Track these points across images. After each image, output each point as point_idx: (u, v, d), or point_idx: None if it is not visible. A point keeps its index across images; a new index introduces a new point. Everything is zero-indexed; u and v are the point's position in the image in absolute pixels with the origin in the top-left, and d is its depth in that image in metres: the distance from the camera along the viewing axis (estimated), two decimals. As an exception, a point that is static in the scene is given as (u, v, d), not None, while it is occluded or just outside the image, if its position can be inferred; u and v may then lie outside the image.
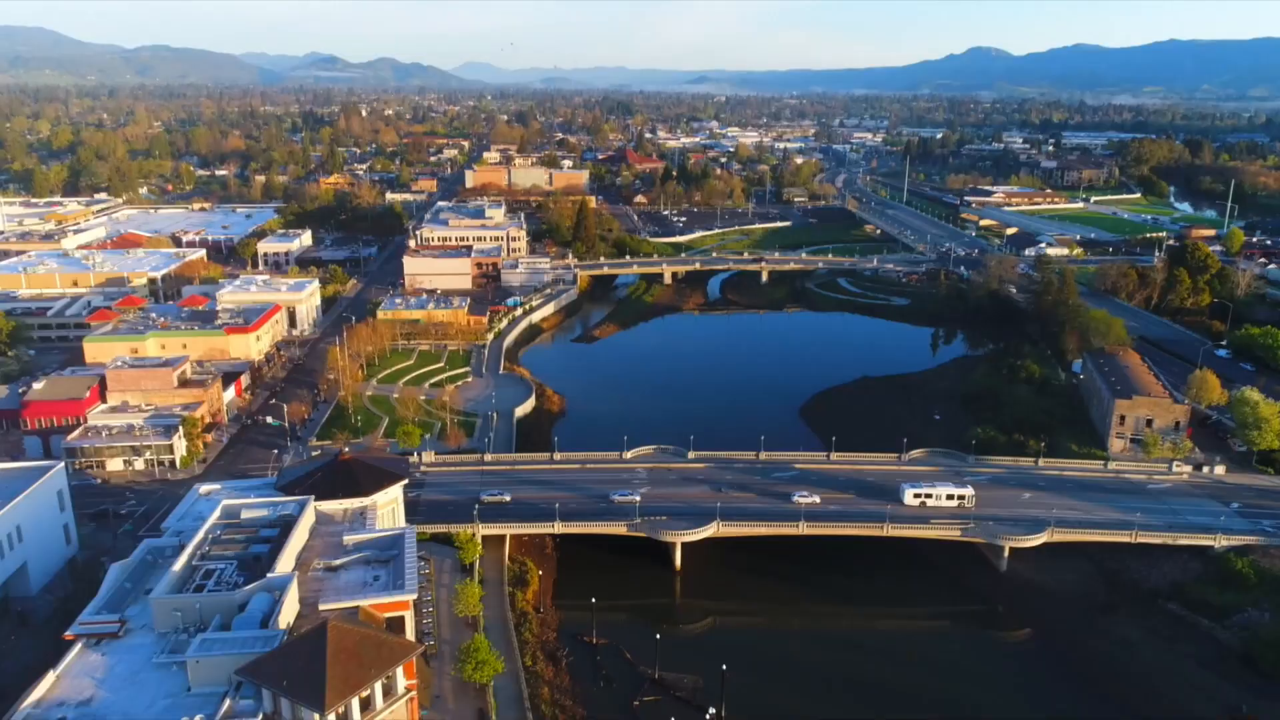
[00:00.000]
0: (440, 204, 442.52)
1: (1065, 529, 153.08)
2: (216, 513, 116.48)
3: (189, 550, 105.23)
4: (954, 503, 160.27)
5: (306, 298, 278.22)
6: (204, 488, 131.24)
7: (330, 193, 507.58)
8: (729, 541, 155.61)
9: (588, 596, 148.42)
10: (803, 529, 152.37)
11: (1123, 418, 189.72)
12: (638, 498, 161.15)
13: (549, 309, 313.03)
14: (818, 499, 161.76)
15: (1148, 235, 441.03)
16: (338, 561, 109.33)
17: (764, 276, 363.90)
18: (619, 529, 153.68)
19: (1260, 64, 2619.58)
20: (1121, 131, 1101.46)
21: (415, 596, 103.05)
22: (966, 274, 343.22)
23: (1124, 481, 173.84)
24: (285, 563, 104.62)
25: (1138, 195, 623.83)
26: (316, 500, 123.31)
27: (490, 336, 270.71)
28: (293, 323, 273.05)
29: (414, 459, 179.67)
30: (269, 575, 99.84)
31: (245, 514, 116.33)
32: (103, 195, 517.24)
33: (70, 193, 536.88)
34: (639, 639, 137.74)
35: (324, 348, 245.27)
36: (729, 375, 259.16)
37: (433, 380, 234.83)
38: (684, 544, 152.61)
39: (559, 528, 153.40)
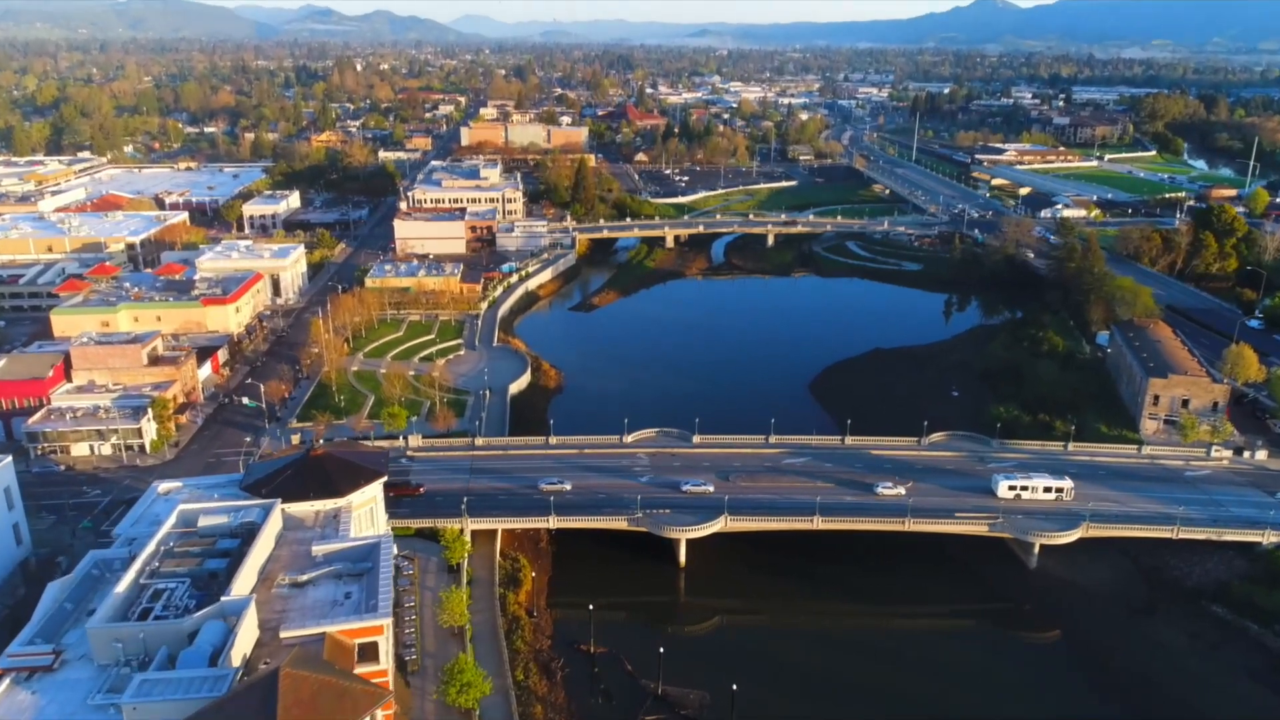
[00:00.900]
0: (434, 163, 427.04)
1: (1101, 523, 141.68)
2: (171, 519, 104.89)
3: (136, 567, 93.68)
4: (1051, 496, 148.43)
5: (291, 265, 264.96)
6: (163, 486, 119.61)
7: (321, 151, 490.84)
8: (737, 534, 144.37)
9: (586, 595, 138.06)
10: (817, 524, 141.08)
11: (1156, 397, 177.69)
12: (711, 488, 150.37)
13: (546, 275, 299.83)
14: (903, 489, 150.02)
15: (1166, 195, 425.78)
16: (305, 577, 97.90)
17: (770, 240, 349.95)
18: (619, 524, 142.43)
19: (1270, 17, 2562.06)
20: (1133, 86, 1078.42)
21: (390, 620, 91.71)
22: (981, 238, 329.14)
23: (1160, 468, 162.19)
24: (244, 581, 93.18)
25: (1153, 153, 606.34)
26: (285, 502, 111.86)
27: (484, 306, 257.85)
28: (277, 291, 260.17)
29: (400, 443, 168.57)
30: (224, 599, 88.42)
31: (203, 521, 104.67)
32: (86, 154, 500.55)
33: (53, 151, 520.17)
34: (641, 645, 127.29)
35: (309, 318, 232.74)
36: (734, 347, 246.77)
37: (422, 354, 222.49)
38: (689, 539, 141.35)
39: (554, 522, 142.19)
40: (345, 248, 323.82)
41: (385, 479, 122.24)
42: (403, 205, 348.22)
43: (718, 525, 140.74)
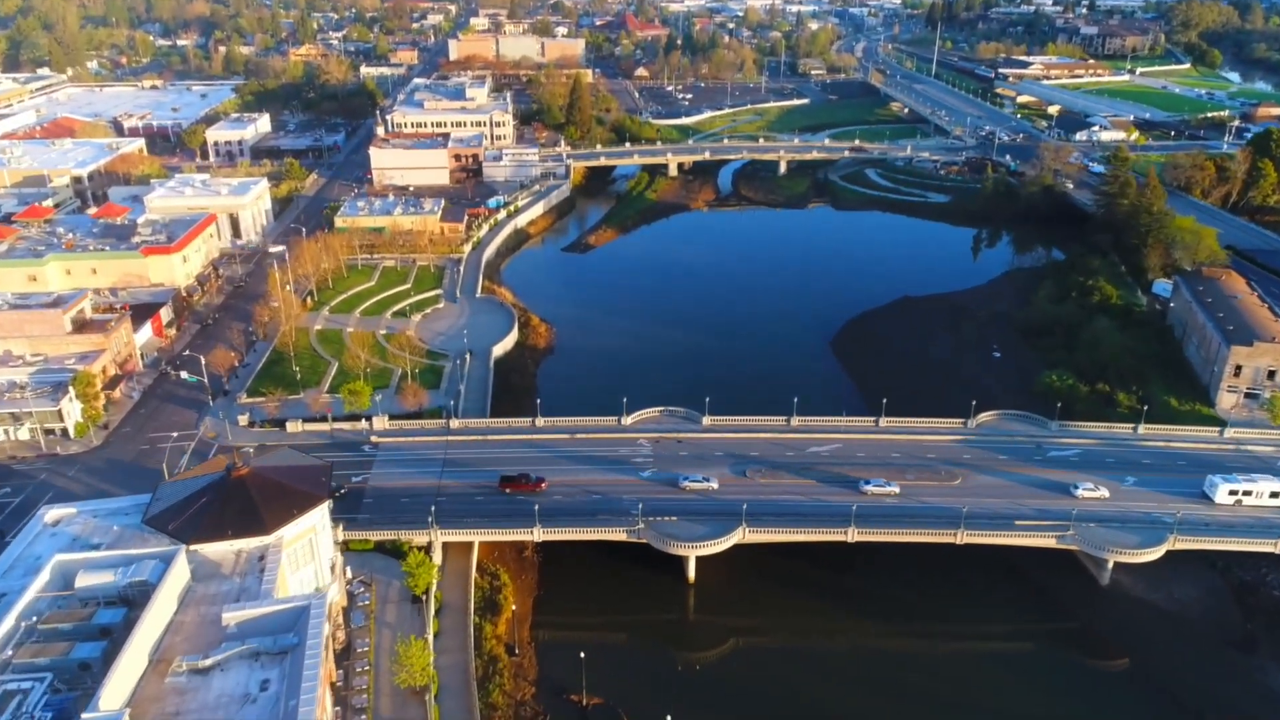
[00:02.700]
0: (417, 81, 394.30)
1: (1190, 535, 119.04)
2: (43, 576, 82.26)
3: (-19, 659, 71.36)
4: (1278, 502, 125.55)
5: (252, 201, 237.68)
6: (51, 514, 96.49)
7: (299, 67, 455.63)
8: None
9: (577, 619, 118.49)
10: (852, 536, 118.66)
11: (1238, 368, 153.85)
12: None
13: (537, 210, 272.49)
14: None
15: (1208, 115, 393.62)
16: (208, 661, 75.59)
17: (782, 168, 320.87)
18: (617, 535, 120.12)
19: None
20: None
21: (314, 731, 69.72)
22: (1014, 165, 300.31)
23: (1247, 456, 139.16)
24: (124, 678, 70.86)
25: (1186, 65, 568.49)
26: (196, 543, 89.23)
27: (467, 248, 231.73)
28: (236, 233, 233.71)
29: (363, 425, 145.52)
30: (89, 713, 66.21)
31: (83, 580, 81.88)
32: (45, 71, 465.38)
33: (11, 68, 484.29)
34: (643, 688, 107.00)
35: (272, 265, 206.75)
36: (744, 295, 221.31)
37: (396, 308, 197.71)
38: (700, 556, 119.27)
39: (540, 534, 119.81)
40: (317, 178, 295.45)
41: (328, 502, 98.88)
42: (380, 131, 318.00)
43: (734, 538, 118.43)
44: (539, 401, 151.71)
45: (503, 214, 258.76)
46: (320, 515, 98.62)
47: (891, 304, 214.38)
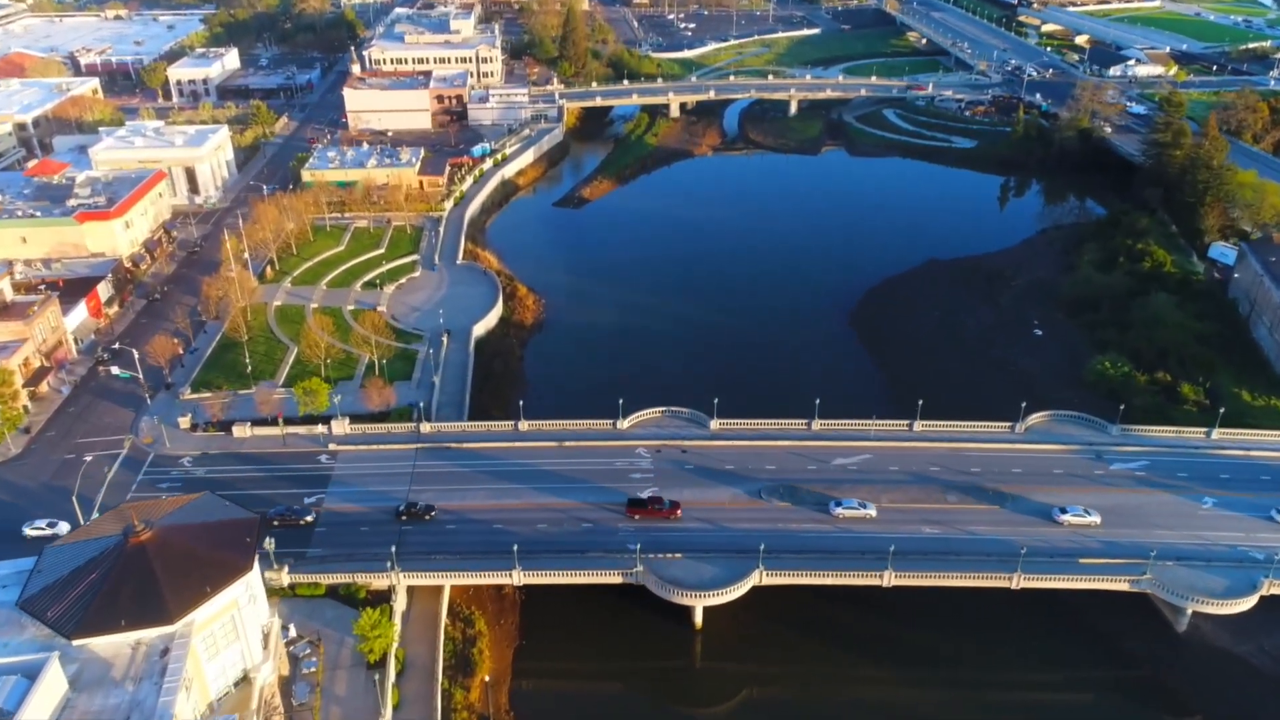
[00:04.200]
0: (399, 11, 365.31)
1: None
2: None
3: None
4: None
5: (211, 153, 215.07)
6: (-92, 589, 78.28)
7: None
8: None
9: (565, 677, 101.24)
10: (889, 580, 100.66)
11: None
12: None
13: (527, 158, 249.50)
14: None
15: (1249, 46, 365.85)
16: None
17: (793, 108, 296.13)
18: (610, 578, 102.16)
19: None
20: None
21: None
22: (1046, 105, 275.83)
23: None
24: None
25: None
26: (82, 635, 71.35)
27: (449, 205, 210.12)
28: (194, 188, 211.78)
29: (320, 430, 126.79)
30: None
31: (-80, 705, 64.02)
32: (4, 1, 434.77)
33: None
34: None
35: (232, 225, 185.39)
36: (754, 257, 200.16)
37: (367, 278, 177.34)
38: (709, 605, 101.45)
39: (519, 576, 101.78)
40: (288, 122, 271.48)
41: (249, 573, 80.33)
42: (355, 69, 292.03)
43: (748, 583, 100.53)
44: (524, 399, 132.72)
45: (489, 163, 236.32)
46: (247, 584, 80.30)
47: (916, 269, 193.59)
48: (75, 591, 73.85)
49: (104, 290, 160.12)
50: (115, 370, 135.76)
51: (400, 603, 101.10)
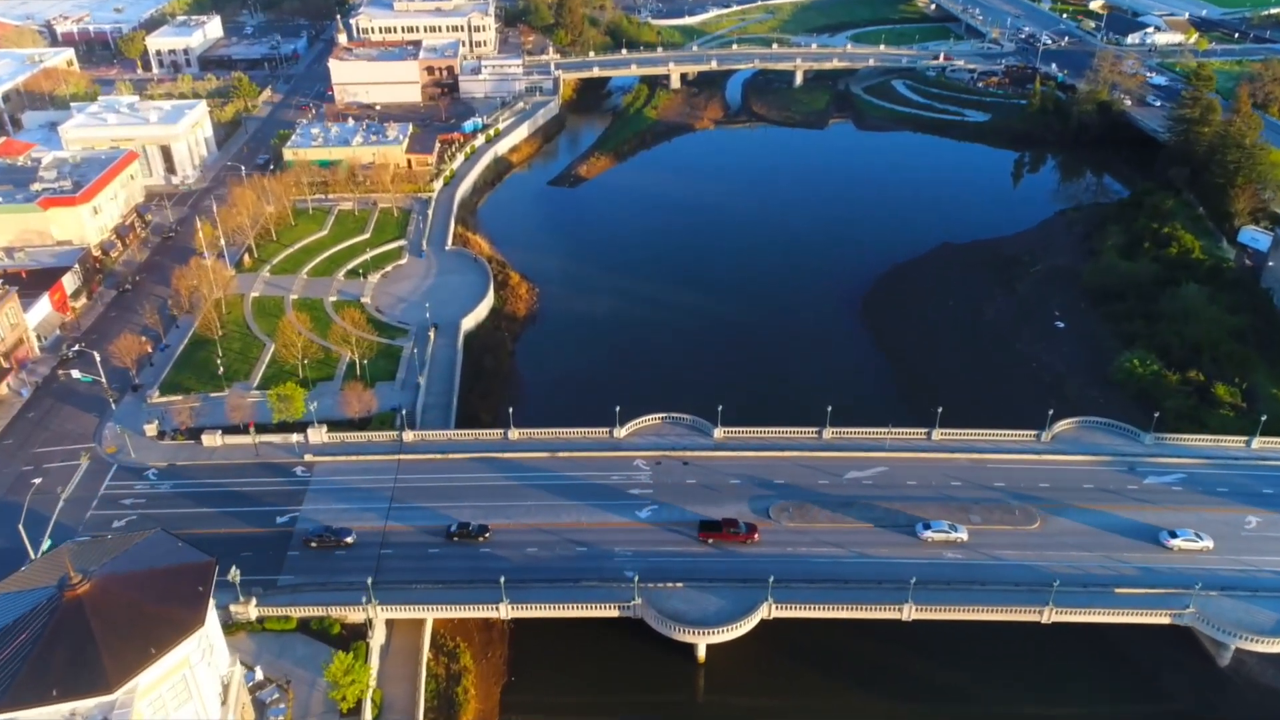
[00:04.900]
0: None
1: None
2: None
3: None
4: None
5: (188, 130, 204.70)
6: None
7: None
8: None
9: (558, 704, 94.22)
10: (909, 614, 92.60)
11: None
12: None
13: (521, 133, 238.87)
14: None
15: (1270, 12, 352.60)
16: None
17: (798, 78, 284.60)
18: (605, 611, 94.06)
19: None
20: None
21: None
22: (1063, 76, 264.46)
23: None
24: None
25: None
26: (9, 708, 63.25)
27: (438, 185, 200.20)
28: (170, 168, 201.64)
29: (295, 439, 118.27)
30: None
31: None
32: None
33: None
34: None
35: (210, 207, 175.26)
36: (758, 241, 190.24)
37: (350, 266, 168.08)
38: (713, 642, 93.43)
39: (507, 610, 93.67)
40: (272, 95, 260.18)
41: (199, 631, 71.97)
42: (342, 38, 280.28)
43: (755, 617, 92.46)
44: (515, 400, 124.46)
45: (481, 139, 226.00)
46: (201, 637, 72.12)
47: (929, 254, 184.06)
48: (1, 657, 65.65)
49: (70, 281, 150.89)
50: (76, 374, 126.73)
51: (379, 636, 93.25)
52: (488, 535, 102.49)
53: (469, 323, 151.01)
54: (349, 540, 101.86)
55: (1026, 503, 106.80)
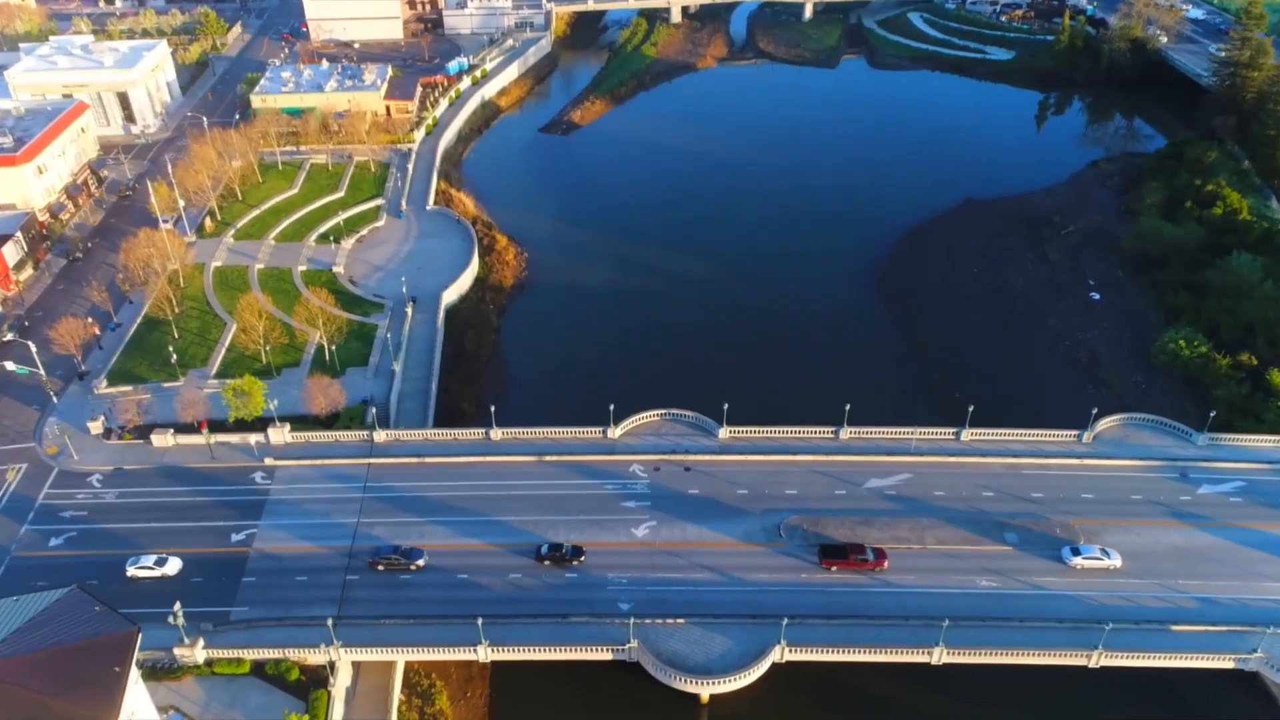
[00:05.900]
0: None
1: None
2: None
3: None
4: None
5: (148, 74, 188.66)
6: None
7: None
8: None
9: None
10: (939, 658, 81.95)
11: None
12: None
13: (510, 74, 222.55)
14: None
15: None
16: None
17: (808, 10, 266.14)
18: (599, 655, 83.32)
19: None
20: None
21: None
22: (1092, 9, 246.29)
23: None
24: None
25: None
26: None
27: (419, 135, 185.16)
28: (129, 116, 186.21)
29: (254, 440, 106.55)
30: None
31: None
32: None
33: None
34: None
35: (172, 161, 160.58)
36: (764, 197, 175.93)
37: (323, 229, 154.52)
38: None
39: (486, 652, 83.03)
40: (242, 32, 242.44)
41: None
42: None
43: (766, 661, 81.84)
44: (500, 390, 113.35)
45: (466, 81, 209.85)
46: (116, 724, 61.25)
47: (950, 212, 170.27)
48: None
49: (12, 251, 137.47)
50: (10, 365, 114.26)
51: (344, 679, 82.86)
52: (583, 559, 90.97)
53: (451, 295, 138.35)
54: (420, 563, 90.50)
55: (1067, 517, 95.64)
